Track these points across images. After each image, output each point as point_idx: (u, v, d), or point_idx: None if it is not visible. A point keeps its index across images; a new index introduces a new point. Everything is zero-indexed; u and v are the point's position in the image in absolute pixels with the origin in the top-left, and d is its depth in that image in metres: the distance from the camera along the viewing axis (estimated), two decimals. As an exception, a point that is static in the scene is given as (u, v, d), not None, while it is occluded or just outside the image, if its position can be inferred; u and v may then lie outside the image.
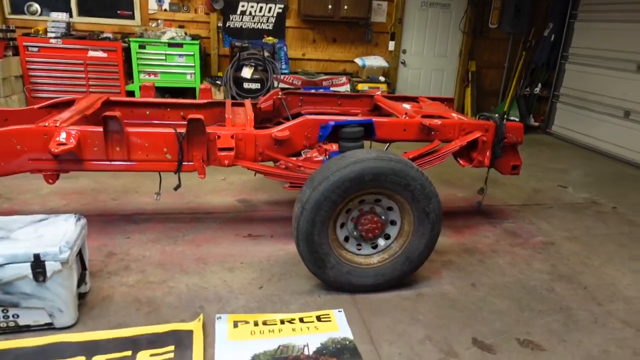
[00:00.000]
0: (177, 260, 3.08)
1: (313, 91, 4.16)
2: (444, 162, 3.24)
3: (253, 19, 7.14)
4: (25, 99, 6.26)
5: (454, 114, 3.53)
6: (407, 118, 3.32)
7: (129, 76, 6.52)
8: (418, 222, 2.70)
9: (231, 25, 7.12)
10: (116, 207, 3.90)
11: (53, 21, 6.39)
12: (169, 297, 2.68)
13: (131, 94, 6.55)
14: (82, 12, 6.76)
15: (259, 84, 6.76)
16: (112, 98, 3.81)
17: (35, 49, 6.12)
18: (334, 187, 2.52)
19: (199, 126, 2.83)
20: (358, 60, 7.28)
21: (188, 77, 6.64)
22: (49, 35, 6.28)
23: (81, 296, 2.58)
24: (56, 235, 2.34)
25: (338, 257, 2.71)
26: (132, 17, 6.87)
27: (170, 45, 6.44)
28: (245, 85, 6.73)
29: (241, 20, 7.12)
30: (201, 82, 6.71)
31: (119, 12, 6.84)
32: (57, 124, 2.82)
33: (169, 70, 6.56)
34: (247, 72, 6.69)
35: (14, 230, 2.39)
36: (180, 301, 2.64)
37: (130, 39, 6.36)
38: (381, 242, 2.81)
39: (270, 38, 7.21)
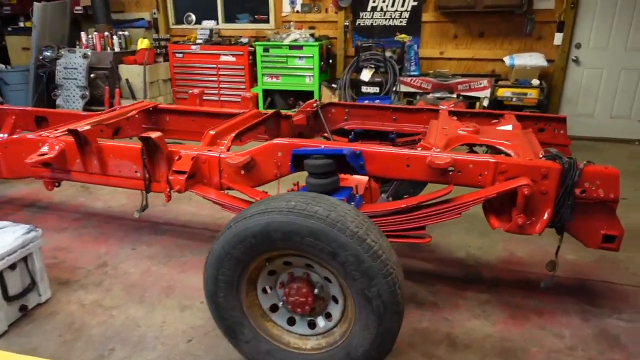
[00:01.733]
0: (147, 285, 2.87)
1: (365, 103, 3.38)
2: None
3: (384, 15, 6.44)
4: (172, 99, 7.05)
5: (524, 149, 2.35)
6: (435, 150, 2.33)
7: (255, 79, 6.69)
8: (359, 308, 1.83)
9: (361, 24, 6.59)
10: (159, 213, 3.94)
11: (202, 29, 7.01)
12: (97, 328, 2.48)
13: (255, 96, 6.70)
14: (227, 18, 7.23)
15: (377, 88, 6.09)
16: (160, 106, 3.82)
17: (181, 55, 6.81)
18: (235, 241, 1.88)
19: (153, 145, 2.52)
20: (506, 60, 5.84)
21: (307, 80, 6.42)
22: (198, 41, 6.91)
23: (32, 308, 2.61)
24: (-17, 247, 2.37)
25: (256, 330, 2.05)
26: (267, 20, 7.01)
27: (291, 47, 6.32)
28: (364, 88, 6.14)
29: (371, 17, 6.51)
30: (320, 86, 6.42)
31: (256, 16, 7.06)
32: (50, 135, 2.91)
33: (290, 73, 6.47)
34: (366, 75, 6.10)
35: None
36: (102, 337, 2.41)
37: (256, 43, 6.49)
38: (321, 322, 2.03)
39: (403, 35, 6.41)
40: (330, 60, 6.63)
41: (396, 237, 2.21)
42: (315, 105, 3.33)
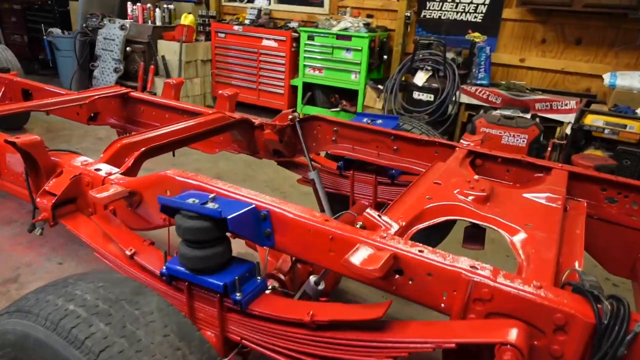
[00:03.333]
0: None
1: (360, 122, 2.46)
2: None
3: (456, 7, 5.30)
4: (211, 82, 6.53)
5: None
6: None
7: (296, 70, 5.92)
8: None
9: (427, 16, 5.51)
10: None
11: (252, 8, 6.37)
12: None
13: (294, 89, 5.96)
14: (280, -1, 6.52)
15: (432, 95, 5.03)
16: (133, 94, 3.21)
17: (223, 35, 6.24)
18: (-3, 342, 1.18)
19: (23, 152, 1.87)
20: (606, 77, 4.47)
21: (352, 76, 5.52)
22: (245, 22, 6.29)
23: None
24: None
25: None
26: (321, 4, 6.18)
27: (338, 37, 5.45)
28: (416, 94, 5.12)
29: (440, 9, 5.40)
30: (365, 84, 5.49)
31: (310, -1, 6.26)
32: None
33: (334, 67, 5.60)
34: (420, 78, 5.06)
35: None
36: None
37: (301, 29, 5.71)
38: None
39: (476, 34, 5.25)
40: (385, 57, 5.65)
41: (296, 360, 1.35)
42: (290, 117, 2.50)
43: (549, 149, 4.49)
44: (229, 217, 1.33)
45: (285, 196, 3.96)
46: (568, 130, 4.54)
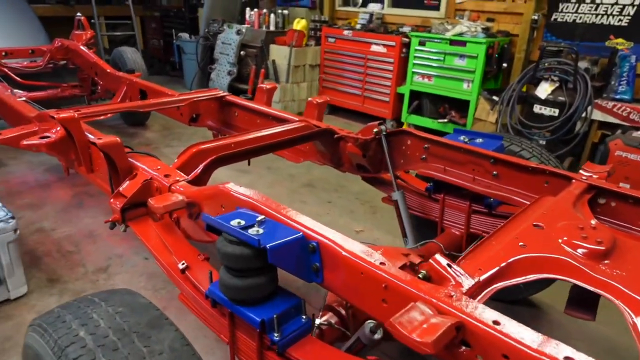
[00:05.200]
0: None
1: (455, 141, 2.11)
2: None
3: (595, 8, 4.56)
4: (317, 87, 6.52)
5: None
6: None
7: (404, 77, 5.62)
8: None
9: (558, 19, 4.83)
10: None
11: (364, 12, 6.23)
12: (19, 355, 2.08)
13: (400, 96, 5.67)
14: (394, 2, 6.25)
15: (556, 110, 4.40)
16: (229, 97, 3.24)
17: (333, 40, 6.17)
18: (24, 353, 1.16)
19: (104, 153, 1.91)
20: None
21: (464, 85, 5.06)
22: (357, 26, 6.18)
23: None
24: None
25: None
26: (437, 7, 5.79)
27: (451, 42, 5.04)
28: (537, 108, 4.52)
29: (575, 12, 4.69)
30: (479, 94, 5.00)
31: (425, 1, 5.90)
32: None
33: (445, 74, 5.20)
34: (543, 90, 4.46)
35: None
36: None
37: (411, 33, 5.39)
38: None
39: (619, 40, 4.47)
40: (505, 65, 5.09)
41: None
42: (375, 130, 2.26)
43: None
44: (269, 245, 1.16)
45: (375, 211, 3.73)
46: None
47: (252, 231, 1.23)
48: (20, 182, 3.86)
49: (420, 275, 1.14)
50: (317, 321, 1.51)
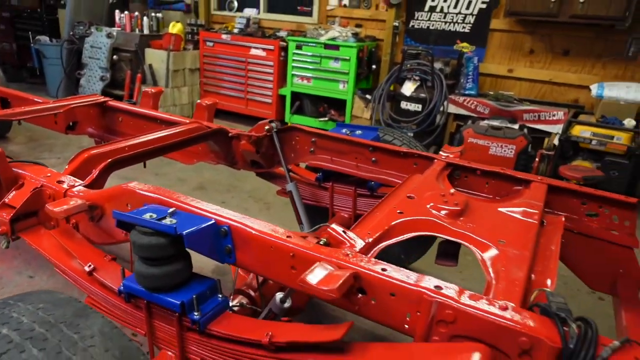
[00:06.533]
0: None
1: (339, 134, 2.42)
2: None
3: (444, 17, 5.30)
4: (198, 91, 6.48)
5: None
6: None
7: (285, 79, 5.89)
8: None
9: (415, 26, 5.50)
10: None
11: (240, 17, 6.35)
12: None
13: (282, 98, 5.93)
14: (269, 8, 6.49)
15: (420, 105, 5.00)
16: (111, 103, 3.15)
17: (211, 44, 6.20)
18: None
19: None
20: (593, 88, 4.46)
21: (340, 86, 5.49)
22: (234, 30, 6.27)
23: None
24: None
25: None
26: (310, 13, 6.17)
27: (326, 46, 5.43)
28: (404, 104, 5.09)
29: (428, 19, 5.39)
30: (354, 94, 5.46)
31: (299, 7, 6.24)
32: None
33: (323, 76, 5.57)
34: (408, 88, 5.04)
35: None
36: None
37: (288, 37, 5.68)
38: None
39: (464, 44, 5.24)
40: (374, 66, 5.63)
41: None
42: (267, 128, 2.44)
43: (537, 159, 4.46)
44: (184, 232, 1.27)
45: (269, 207, 3.90)
46: (556, 141, 4.51)
47: (166, 222, 1.32)
48: None
49: (321, 242, 1.33)
50: (230, 304, 1.64)
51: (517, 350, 1.02)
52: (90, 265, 1.58)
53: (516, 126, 4.73)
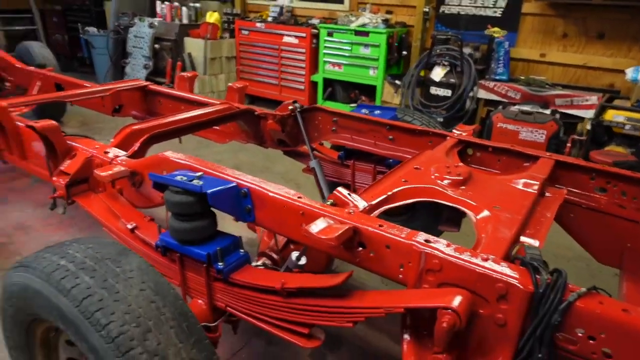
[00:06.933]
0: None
1: (359, 113, 2.55)
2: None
3: (475, 2, 5.28)
4: (235, 78, 6.73)
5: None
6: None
7: (316, 65, 6.04)
8: None
9: (445, 11, 5.50)
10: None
11: (274, 5, 6.53)
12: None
13: (315, 84, 6.08)
14: (303, -4, 6.64)
15: (449, 91, 5.04)
16: (151, 86, 3.41)
17: (247, 32, 6.42)
18: (4, 297, 1.37)
19: (42, 136, 2.06)
20: (629, 72, 4.37)
21: (370, 72, 5.59)
22: (268, 19, 6.46)
23: None
24: None
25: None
26: (341, 1, 6.26)
27: (356, 33, 5.53)
28: (433, 89, 5.15)
29: (459, 5, 5.39)
30: (384, 80, 5.55)
31: (331, -5, 6.35)
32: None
33: (353, 63, 5.68)
34: (437, 73, 5.08)
35: None
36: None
37: (320, 25, 5.81)
38: None
39: (495, 29, 5.21)
40: (404, 52, 5.69)
41: (271, 325, 1.47)
42: (291, 108, 2.61)
43: (569, 145, 4.43)
44: (209, 191, 1.46)
45: (299, 187, 4.09)
46: (588, 127, 4.46)
47: (194, 183, 1.52)
48: None
49: (328, 202, 1.50)
50: (254, 264, 1.83)
51: (494, 295, 1.15)
52: (132, 224, 1.81)
53: (548, 111, 4.69)
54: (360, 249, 1.35)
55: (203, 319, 1.61)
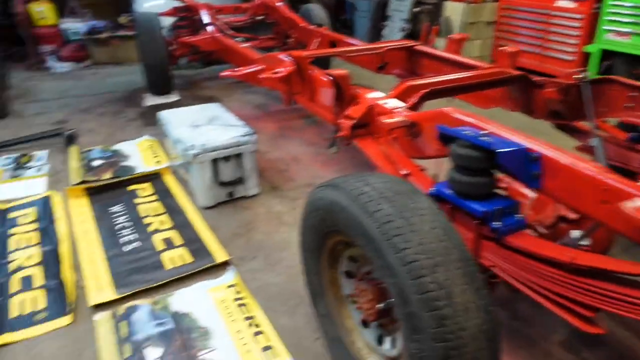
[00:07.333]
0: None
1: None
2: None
3: None
4: (490, 44, 6.36)
5: None
6: None
7: (591, 34, 5.19)
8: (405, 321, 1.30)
9: None
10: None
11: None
12: (260, 236, 2.73)
13: (586, 56, 5.28)
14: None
15: None
16: (417, 47, 3.51)
17: (514, -5, 5.92)
18: (309, 208, 1.67)
19: (336, 83, 2.35)
20: None
21: (670, 44, 4.52)
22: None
23: (238, 197, 3.10)
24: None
25: (331, 310, 1.81)
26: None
27: (660, -6, 4.49)
28: None
29: None
30: (688, 55, 4.42)
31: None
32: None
33: (647, 31, 4.68)
34: None
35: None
36: (257, 244, 2.66)
37: (611, -14, 4.91)
38: (386, 343, 1.61)
39: None
40: None
41: (549, 300, 1.40)
42: (578, 77, 2.32)
43: None
44: (499, 150, 1.44)
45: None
46: None
47: (483, 139, 1.52)
48: (237, 115, 4.73)
49: (641, 182, 1.31)
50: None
51: None
52: (406, 171, 1.94)
53: None
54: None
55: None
